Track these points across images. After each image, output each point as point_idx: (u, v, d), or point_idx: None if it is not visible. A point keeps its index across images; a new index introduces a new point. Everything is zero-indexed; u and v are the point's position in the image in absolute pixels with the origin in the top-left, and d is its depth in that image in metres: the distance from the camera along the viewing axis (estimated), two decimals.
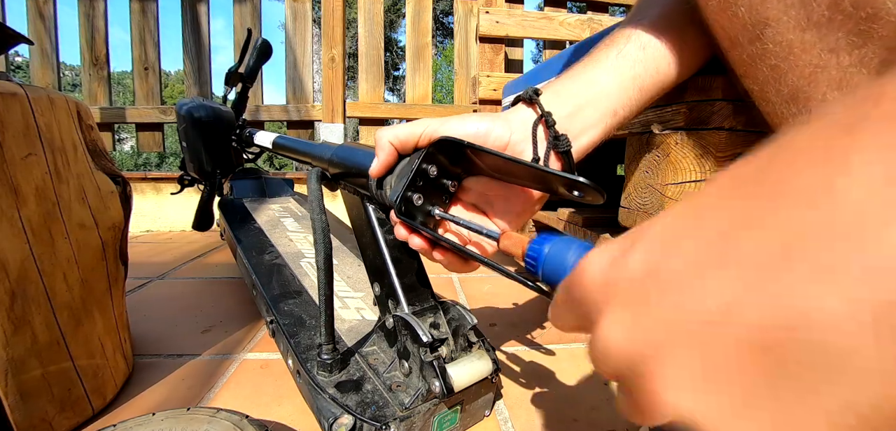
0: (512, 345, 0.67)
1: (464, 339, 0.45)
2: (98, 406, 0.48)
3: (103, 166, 0.51)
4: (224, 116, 0.91)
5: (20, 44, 0.53)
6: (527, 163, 0.32)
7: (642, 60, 0.38)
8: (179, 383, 0.55)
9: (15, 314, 0.39)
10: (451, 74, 11.86)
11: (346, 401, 0.42)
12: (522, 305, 0.84)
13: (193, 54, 1.76)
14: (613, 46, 0.39)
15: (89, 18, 1.72)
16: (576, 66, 0.40)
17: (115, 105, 1.79)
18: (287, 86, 1.79)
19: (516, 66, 1.82)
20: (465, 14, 1.81)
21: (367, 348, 0.49)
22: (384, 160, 0.38)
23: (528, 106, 0.38)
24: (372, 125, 1.80)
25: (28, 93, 0.41)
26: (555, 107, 0.37)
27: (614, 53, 0.38)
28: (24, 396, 0.40)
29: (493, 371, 0.45)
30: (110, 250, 0.50)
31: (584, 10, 1.83)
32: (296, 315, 0.58)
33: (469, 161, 0.36)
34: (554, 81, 0.40)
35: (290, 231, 0.87)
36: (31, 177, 0.41)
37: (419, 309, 0.44)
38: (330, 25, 1.71)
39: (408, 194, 0.35)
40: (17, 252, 0.39)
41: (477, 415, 0.47)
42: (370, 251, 0.48)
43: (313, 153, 0.54)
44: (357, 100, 1.79)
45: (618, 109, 0.38)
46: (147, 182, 1.67)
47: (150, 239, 1.50)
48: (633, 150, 0.55)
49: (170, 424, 0.37)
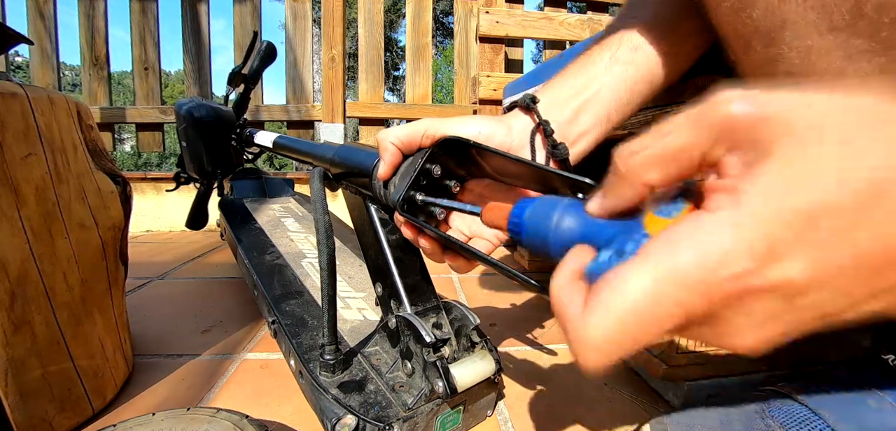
0: (512, 345, 0.67)
1: (466, 339, 0.45)
2: (98, 406, 0.47)
3: (103, 166, 0.51)
4: (224, 116, 0.91)
5: (20, 44, 0.53)
6: (532, 163, 0.32)
7: (634, 62, 0.38)
8: (179, 383, 0.55)
9: (15, 314, 0.39)
10: (451, 74, 11.87)
11: (349, 402, 0.42)
12: (522, 305, 0.83)
13: (193, 54, 1.76)
14: (606, 49, 0.39)
15: (89, 18, 1.72)
16: (571, 67, 0.40)
17: (115, 105, 1.79)
18: (287, 86, 1.79)
19: (516, 65, 1.81)
20: (465, 14, 1.80)
21: (370, 348, 0.49)
22: (390, 161, 0.37)
23: (526, 113, 0.38)
24: (372, 125, 1.80)
25: (28, 93, 0.41)
26: (552, 114, 0.37)
27: (607, 57, 0.38)
28: (24, 396, 0.40)
29: (496, 371, 0.45)
30: (110, 250, 0.50)
31: (584, 10, 1.83)
32: (298, 315, 0.58)
33: (472, 162, 0.36)
34: (550, 83, 0.40)
35: (290, 231, 0.87)
36: (31, 177, 0.40)
37: (422, 309, 0.44)
38: (330, 25, 1.71)
39: (411, 194, 0.35)
40: (17, 252, 0.39)
41: (479, 415, 0.47)
42: (372, 251, 0.47)
43: (315, 153, 0.54)
44: (357, 100, 1.78)
45: (612, 114, 0.39)
46: (147, 182, 1.66)
47: (150, 239, 1.50)
48: None
49: (170, 424, 0.37)
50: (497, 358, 0.45)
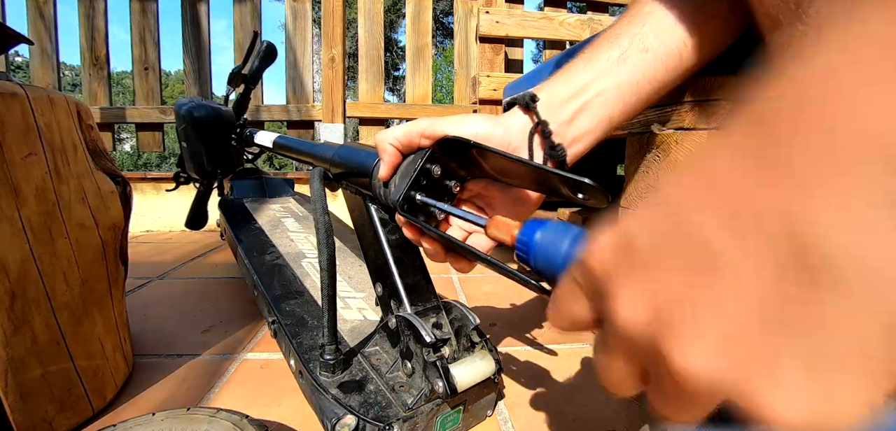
0: (512, 345, 0.67)
1: (466, 339, 0.45)
2: (98, 406, 0.47)
3: (103, 166, 0.51)
4: (224, 116, 0.91)
5: (20, 44, 0.53)
6: (532, 163, 0.32)
7: (642, 65, 0.36)
8: (179, 383, 0.55)
9: (15, 314, 0.39)
10: (451, 74, 11.85)
11: (349, 401, 0.42)
12: (522, 305, 0.83)
13: (193, 54, 1.76)
14: (616, 46, 0.37)
15: (89, 18, 1.72)
16: (576, 62, 0.38)
17: (116, 105, 1.79)
18: (287, 86, 1.79)
19: (516, 65, 1.81)
20: (465, 14, 1.80)
21: (370, 348, 0.49)
22: (389, 161, 0.37)
23: (525, 112, 0.37)
24: (372, 125, 1.80)
25: (28, 93, 0.41)
26: (551, 114, 0.36)
27: (617, 55, 0.37)
28: (24, 396, 0.40)
29: (496, 371, 0.45)
30: (110, 250, 0.50)
31: (584, 10, 1.83)
32: (298, 315, 0.58)
33: (472, 162, 0.36)
34: (553, 79, 0.39)
35: (290, 231, 0.87)
36: (31, 177, 0.40)
37: (422, 309, 0.44)
38: (330, 25, 1.71)
39: (411, 194, 0.35)
40: (17, 252, 0.39)
41: (479, 415, 0.47)
42: (372, 251, 0.47)
43: (315, 153, 0.54)
44: (357, 100, 1.78)
45: (614, 116, 0.37)
46: (147, 182, 1.66)
47: (150, 239, 1.50)
48: (633, 150, 0.55)
49: (170, 424, 0.37)
50: (497, 358, 0.45)
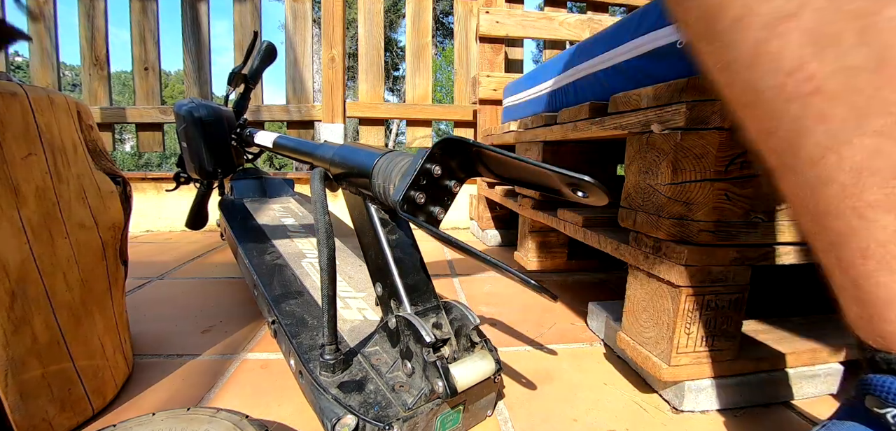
0: (512, 345, 0.67)
1: (466, 339, 0.45)
2: (98, 406, 0.47)
3: (103, 166, 0.51)
4: (224, 116, 0.91)
5: (19, 40, 0.53)
6: (532, 162, 0.32)
7: None
8: (179, 383, 0.55)
9: (15, 314, 0.39)
10: (451, 74, 11.86)
11: (349, 401, 0.42)
12: (523, 305, 0.83)
13: (193, 54, 1.76)
14: None
15: (89, 18, 1.72)
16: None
17: (116, 105, 1.79)
18: (287, 86, 1.79)
19: (516, 66, 1.81)
20: (465, 14, 1.80)
21: (370, 348, 0.49)
22: None
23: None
24: (372, 125, 1.80)
25: (28, 93, 0.41)
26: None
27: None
28: (24, 396, 0.40)
29: (496, 370, 0.45)
30: (110, 250, 0.50)
31: (584, 10, 1.83)
32: (298, 315, 0.58)
33: (472, 161, 0.36)
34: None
35: (290, 231, 0.87)
36: (31, 177, 0.40)
37: (422, 309, 0.44)
38: (330, 25, 1.71)
39: (411, 193, 0.35)
40: (17, 252, 0.39)
41: (479, 415, 0.47)
42: (372, 251, 0.47)
43: (315, 153, 0.54)
44: (357, 100, 1.78)
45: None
46: (147, 182, 1.66)
47: (150, 239, 1.50)
48: (633, 150, 0.55)
49: (170, 424, 0.37)
50: (497, 358, 0.45)
